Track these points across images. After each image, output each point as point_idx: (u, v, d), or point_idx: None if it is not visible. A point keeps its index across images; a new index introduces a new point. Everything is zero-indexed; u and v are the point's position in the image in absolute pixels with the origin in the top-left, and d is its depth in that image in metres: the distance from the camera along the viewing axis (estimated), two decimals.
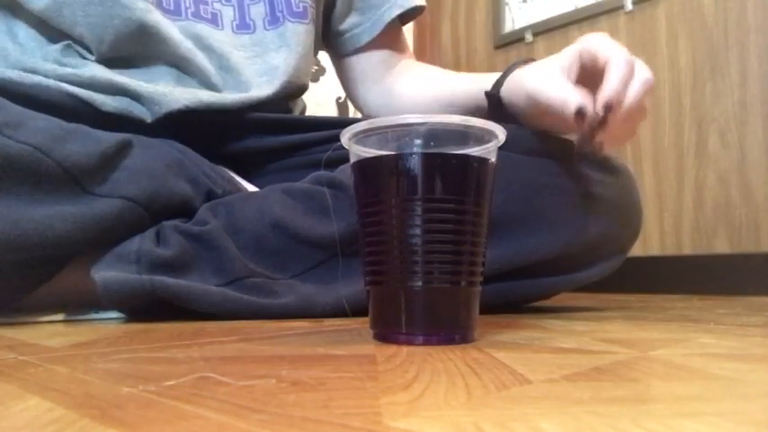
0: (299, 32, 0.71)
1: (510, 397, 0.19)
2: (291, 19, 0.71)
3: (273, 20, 0.70)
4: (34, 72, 0.62)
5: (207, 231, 0.53)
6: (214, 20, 0.69)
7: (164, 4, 0.66)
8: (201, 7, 0.68)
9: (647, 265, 1.35)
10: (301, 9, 0.71)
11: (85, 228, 0.48)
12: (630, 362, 0.26)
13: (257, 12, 0.70)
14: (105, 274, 0.49)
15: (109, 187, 0.51)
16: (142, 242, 0.51)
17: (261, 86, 0.68)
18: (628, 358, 0.27)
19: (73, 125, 0.51)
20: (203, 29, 0.68)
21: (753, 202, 1.24)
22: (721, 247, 1.28)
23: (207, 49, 0.67)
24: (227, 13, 0.70)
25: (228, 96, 0.65)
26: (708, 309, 0.66)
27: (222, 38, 0.68)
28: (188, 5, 0.68)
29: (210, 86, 0.67)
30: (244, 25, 0.70)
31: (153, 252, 0.50)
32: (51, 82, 0.61)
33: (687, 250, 1.33)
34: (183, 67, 0.66)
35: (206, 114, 0.65)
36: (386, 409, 0.17)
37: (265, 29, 0.71)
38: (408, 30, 1.90)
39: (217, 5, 0.69)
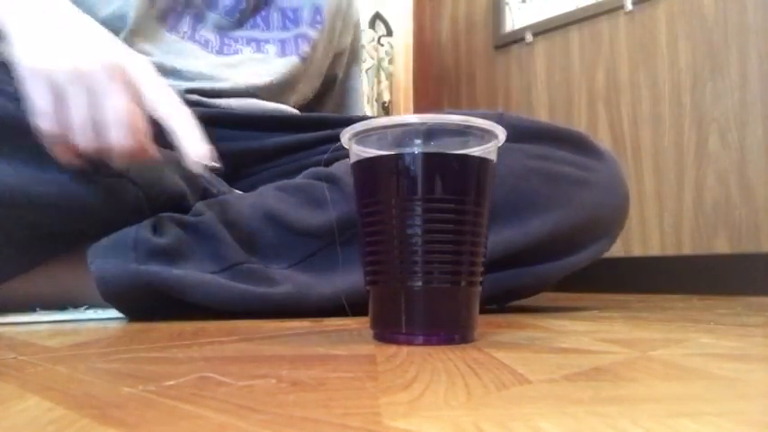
0: (299, 65, 0.85)
1: (510, 397, 0.19)
2: (296, 58, 0.85)
3: (282, 54, 0.85)
4: None
5: (202, 221, 0.54)
6: (235, 53, 0.82)
7: (195, 38, 0.78)
8: (225, 47, 0.80)
9: (647, 265, 1.35)
10: (306, 55, 0.86)
11: (79, 193, 0.50)
12: (630, 362, 0.26)
13: (270, 47, 0.85)
14: (102, 264, 0.49)
15: (106, 168, 0.52)
16: (139, 231, 0.52)
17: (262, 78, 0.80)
18: (628, 358, 0.27)
19: None
20: (224, 65, 0.79)
21: (753, 202, 1.24)
22: (721, 247, 1.28)
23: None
24: (247, 51, 0.83)
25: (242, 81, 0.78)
26: (708, 309, 0.66)
27: (239, 57, 0.81)
28: (214, 44, 0.80)
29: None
30: (258, 51, 0.84)
31: (149, 240, 0.51)
32: None
33: (687, 250, 1.33)
34: None
35: (218, 112, 0.71)
36: (386, 409, 0.17)
37: (276, 58, 0.84)
38: (408, 30, 1.91)
39: (238, 46, 0.82)
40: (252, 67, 0.80)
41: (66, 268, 0.54)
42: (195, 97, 0.72)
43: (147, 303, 0.51)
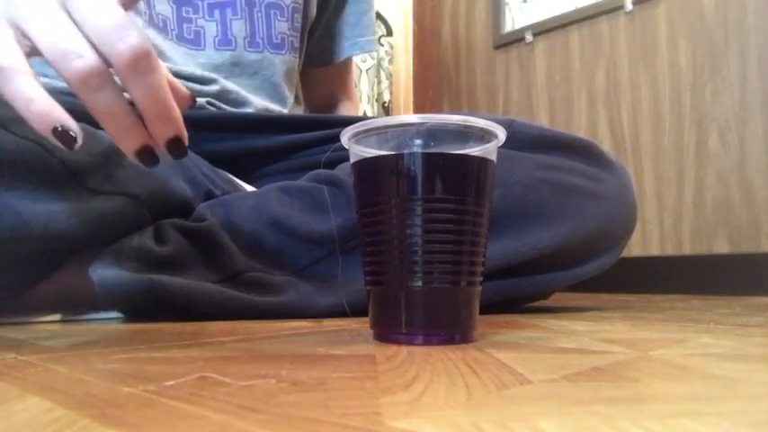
0: (275, 63, 0.77)
1: (510, 397, 0.19)
2: (270, 49, 0.76)
3: (253, 43, 0.75)
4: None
5: (204, 227, 0.53)
6: (197, 40, 0.72)
7: (154, 20, 0.69)
8: (185, 26, 0.71)
9: (647, 265, 1.35)
10: (279, 40, 0.77)
11: (87, 223, 0.49)
12: (630, 362, 0.26)
13: (239, 29, 0.74)
14: (103, 273, 0.49)
15: (110, 185, 0.51)
16: (140, 240, 0.51)
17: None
18: (628, 358, 0.27)
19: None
20: (186, 55, 0.71)
21: (753, 202, 1.24)
22: (721, 247, 1.28)
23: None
24: (210, 30, 0.73)
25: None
26: (708, 309, 0.66)
27: (203, 60, 0.72)
28: (172, 27, 0.71)
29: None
30: (225, 41, 0.74)
31: (151, 250, 0.51)
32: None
33: (687, 250, 1.33)
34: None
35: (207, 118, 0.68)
36: (386, 409, 0.17)
37: (246, 49, 0.75)
38: (408, 30, 1.91)
39: (200, 21, 0.72)
40: (229, 70, 0.73)
41: (66, 269, 0.53)
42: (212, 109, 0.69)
43: (150, 309, 0.51)
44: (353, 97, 1.01)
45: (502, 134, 0.33)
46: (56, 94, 0.64)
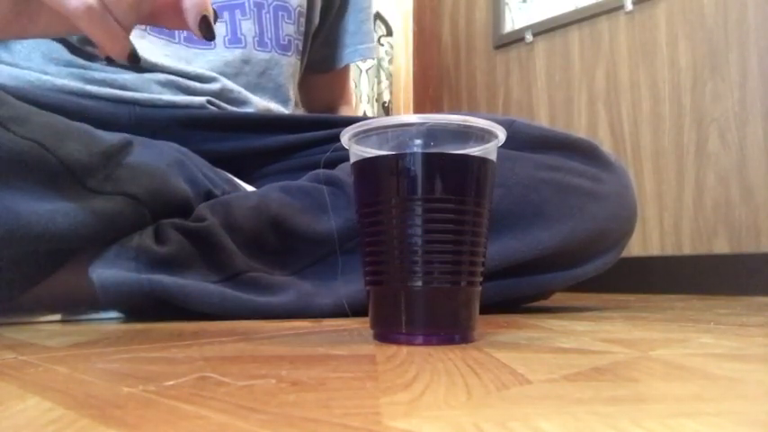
0: (282, 64, 0.79)
1: (510, 397, 0.19)
2: (278, 50, 0.78)
3: (262, 43, 0.77)
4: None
5: (204, 227, 0.53)
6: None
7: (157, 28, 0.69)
8: None
9: (647, 265, 1.35)
10: (286, 42, 0.79)
11: (87, 224, 0.48)
12: (630, 362, 0.26)
13: (248, 28, 0.75)
14: (103, 273, 0.49)
15: (110, 185, 0.51)
16: (141, 240, 0.51)
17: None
18: (628, 358, 0.27)
19: (77, 123, 0.51)
20: (195, 54, 0.72)
21: (753, 202, 1.24)
22: (721, 247, 1.28)
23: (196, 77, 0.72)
24: (220, 30, 0.74)
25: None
26: (708, 309, 0.66)
27: (213, 58, 0.73)
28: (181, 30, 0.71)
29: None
30: (236, 40, 0.75)
31: (151, 250, 0.51)
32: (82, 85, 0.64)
33: (687, 250, 1.33)
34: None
35: (206, 117, 0.68)
36: (386, 409, 0.17)
37: (255, 48, 0.76)
38: (408, 30, 1.91)
39: None
40: (238, 68, 0.74)
41: (67, 269, 0.53)
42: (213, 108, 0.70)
43: (150, 309, 0.51)
44: (351, 101, 1.02)
45: (502, 134, 0.33)
46: (56, 92, 0.64)
